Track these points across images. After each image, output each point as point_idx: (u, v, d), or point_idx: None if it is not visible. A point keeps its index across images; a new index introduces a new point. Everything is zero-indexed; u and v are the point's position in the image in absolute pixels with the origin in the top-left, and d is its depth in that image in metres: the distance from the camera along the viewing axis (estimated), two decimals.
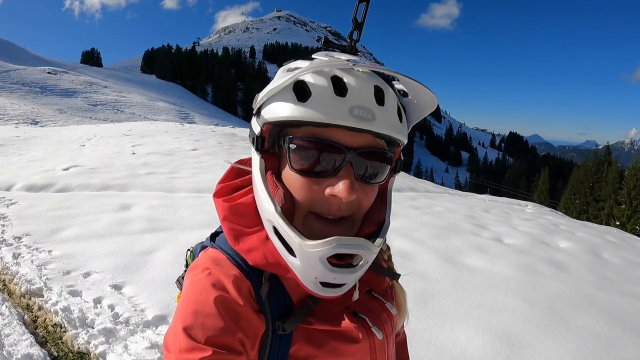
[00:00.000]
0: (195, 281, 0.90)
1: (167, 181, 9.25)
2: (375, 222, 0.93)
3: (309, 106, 0.80)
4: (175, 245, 5.46)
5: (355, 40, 0.93)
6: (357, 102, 0.80)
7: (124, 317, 3.81)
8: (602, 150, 46.20)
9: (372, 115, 0.81)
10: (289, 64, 0.90)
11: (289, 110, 0.81)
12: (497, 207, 12.03)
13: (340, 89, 0.81)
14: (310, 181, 0.84)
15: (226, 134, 20.88)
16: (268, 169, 0.89)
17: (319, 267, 0.82)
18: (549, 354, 3.77)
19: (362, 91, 0.81)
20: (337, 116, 0.79)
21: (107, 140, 16.78)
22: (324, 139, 0.82)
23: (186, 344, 0.80)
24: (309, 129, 0.83)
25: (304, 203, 0.86)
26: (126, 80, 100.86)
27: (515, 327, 4.14)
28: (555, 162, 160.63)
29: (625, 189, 36.48)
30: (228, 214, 0.96)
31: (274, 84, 0.84)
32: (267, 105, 0.86)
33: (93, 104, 60.41)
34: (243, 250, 0.92)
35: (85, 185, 8.39)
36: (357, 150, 0.84)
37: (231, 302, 0.86)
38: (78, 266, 4.75)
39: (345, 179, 0.82)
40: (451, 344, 3.75)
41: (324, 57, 0.87)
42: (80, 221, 6.17)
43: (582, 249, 7.45)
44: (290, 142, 0.84)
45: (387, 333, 1.05)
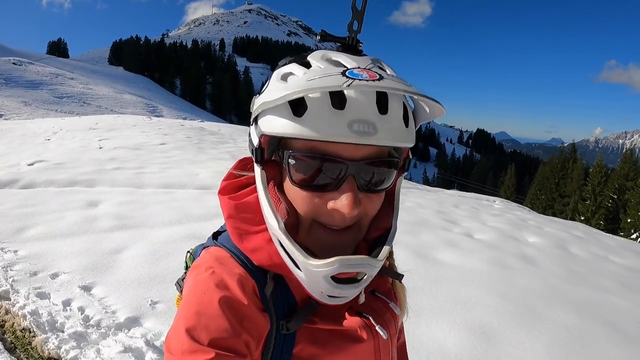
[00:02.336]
0: (198, 281, 0.88)
1: (135, 176, 9.07)
2: (381, 227, 0.91)
3: (305, 122, 0.75)
4: (145, 243, 5.35)
5: (355, 32, 0.87)
6: (357, 115, 0.75)
7: (95, 320, 3.70)
8: (567, 147, 47.36)
9: (374, 129, 0.75)
10: (283, 68, 0.84)
11: (284, 125, 0.77)
12: (466, 202, 12.21)
13: (339, 99, 0.75)
14: (312, 195, 0.82)
15: (195, 128, 20.64)
16: (270, 179, 0.86)
17: (324, 284, 0.80)
18: (524, 347, 3.84)
19: (362, 102, 0.76)
20: (336, 133, 0.74)
21: (74, 134, 16.38)
22: (324, 153, 0.78)
23: (189, 345, 0.78)
24: (308, 142, 0.79)
25: (307, 216, 0.84)
26: (93, 72, 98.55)
27: (490, 321, 4.20)
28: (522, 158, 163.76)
29: (590, 185, 37.56)
30: (233, 212, 0.93)
31: (267, 96, 0.80)
32: (264, 116, 0.82)
33: (59, 96, 58.78)
34: (247, 250, 0.90)
35: (51, 181, 8.15)
36: (359, 162, 0.79)
37: (235, 302, 0.84)
38: (45, 267, 4.60)
39: (347, 192, 0.79)
40: (428, 339, 3.78)
41: (320, 63, 0.81)
42: (47, 219, 5.98)
43: (550, 243, 7.63)
44: (290, 157, 0.81)
45: (391, 333, 1.04)
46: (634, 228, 31.23)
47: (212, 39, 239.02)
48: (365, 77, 0.72)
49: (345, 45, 0.87)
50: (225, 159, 12.56)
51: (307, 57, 0.84)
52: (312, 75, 0.75)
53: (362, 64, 0.79)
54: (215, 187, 8.55)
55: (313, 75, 0.75)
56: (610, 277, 6.10)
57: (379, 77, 0.73)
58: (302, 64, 0.82)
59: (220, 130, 21.39)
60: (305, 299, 0.93)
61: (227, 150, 14.96)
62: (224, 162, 11.77)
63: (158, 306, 3.96)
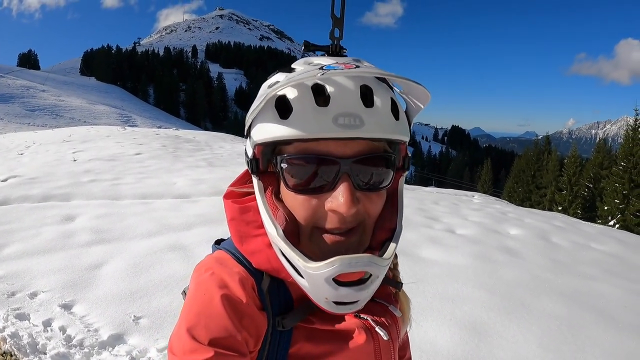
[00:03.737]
0: (199, 282, 0.89)
1: (111, 188, 8.90)
2: (387, 229, 0.89)
3: (291, 123, 0.76)
4: (124, 256, 5.23)
5: (338, 39, 0.88)
6: (341, 109, 0.75)
7: (78, 340, 3.59)
8: (541, 140, 48.12)
9: (360, 121, 0.76)
10: (270, 79, 0.86)
11: (272, 129, 0.78)
12: (446, 198, 12.29)
13: (323, 97, 0.76)
14: (309, 198, 0.81)
15: (170, 137, 20.48)
16: (267, 189, 0.86)
17: (326, 288, 0.79)
18: (516, 339, 3.87)
19: (346, 96, 0.77)
20: (321, 129, 0.75)
21: (47, 148, 16.05)
22: (315, 152, 0.79)
23: (190, 345, 0.79)
24: (299, 144, 0.79)
25: (307, 221, 0.83)
26: (65, 83, 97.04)
27: (480, 315, 4.21)
28: (497, 152, 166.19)
29: (565, 176, 38.21)
30: (236, 215, 0.95)
31: (255, 103, 0.81)
32: (255, 126, 0.84)
33: (31, 109, 57.79)
34: (247, 252, 0.91)
35: (26, 196, 7.94)
36: (352, 159, 0.79)
37: (235, 300, 0.84)
38: (23, 286, 4.44)
39: (343, 191, 0.78)
40: (419, 338, 3.77)
41: (302, 67, 0.82)
42: (23, 236, 5.80)
43: (532, 235, 7.73)
44: (282, 162, 0.81)
45: (392, 336, 1.02)
46: (610, 215, 31.86)
47: (184, 45, 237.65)
48: (340, 68, 0.73)
49: (329, 52, 0.89)
50: (201, 167, 12.48)
51: (292, 65, 0.86)
52: (292, 76, 0.77)
53: (341, 61, 0.80)
54: (193, 195, 8.54)
55: (293, 75, 0.77)
56: (593, 265, 6.19)
57: (355, 67, 0.74)
58: (287, 71, 0.84)
59: (196, 138, 21.28)
60: (302, 298, 0.92)
61: (204, 157, 14.85)
62: (201, 170, 11.71)
63: (141, 321, 3.87)
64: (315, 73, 0.71)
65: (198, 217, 6.88)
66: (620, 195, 31.36)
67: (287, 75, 0.80)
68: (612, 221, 30.82)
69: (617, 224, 29.84)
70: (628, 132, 33.07)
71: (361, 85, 0.78)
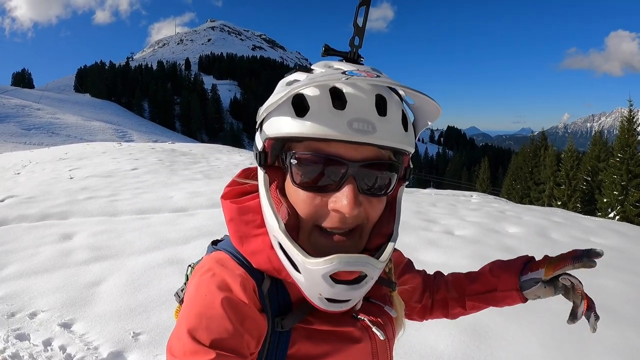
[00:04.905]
0: (200, 283, 0.90)
1: (108, 205, 8.86)
2: (383, 234, 0.92)
3: (307, 121, 0.79)
4: (123, 272, 5.20)
5: (357, 47, 0.92)
6: (357, 114, 0.79)
7: (78, 358, 3.56)
8: (537, 136, 48.24)
9: (373, 128, 0.79)
10: (288, 77, 0.89)
11: (287, 125, 0.81)
12: (444, 200, 12.29)
13: (340, 101, 0.80)
14: (313, 196, 0.84)
15: (166, 150, 20.44)
16: (272, 183, 0.89)
17: (322, 284, 0.82)
18: (517, 339, 3.86)
19: (362, 102, 0.80)
20: (336, 130, 0.78)
21: (43, 166, 16.01)
22: (326, 153, 0.82)
23: (190, 346, 0.79)
24: (311, 143, 0.82)
25: (308, 218, 0.86)
26: (60, 101, 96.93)
27: (480, 317, 4.18)
28: (494, 151, 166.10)
29: (563, 170, 38.31)
30: (235, 215, 0.96)
31: (272, 99, 0.83)
32: (268, 120, 0.86)
33: (27, 128, 57.56)
34: (247, 252, 0.92)
35: (23, 216, 7.91)
36: (360, 163, 0.82)
37: (237, 302, 0.85)
38: (22, 307, 4.42)
39: (348, 193, 0.81)
40: (419, 343, 3.75)
41: (323, 69, 0.86)
42: (21, 256, 5.77)
43: (530, 232, 7.73)
44: (292, 157, 0.84)
45: (388, 335, 1.04)
46: (610, 207, 31.92)
47: (177, 58, 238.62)
48: (363, 75, 0.77)
49: (347, 59, 0.92)
50: (198, 179, 12.46)
51: (311, 67, 0.90)
52: (314, 76, 0.81)
53: (362, 69, 0.86)
54: (190, 208, 8.52)
55: (315, 76, 0.80)
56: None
57: (376, 76, 0.79)
58: (306, 71, 0.87)
59: (192, 150, 21.23)
60: (301, 299, 0.94)
61: (200, 170, 14.83)
62: (198, 183, 11.68)
63: (141, 337, 3.85)
64: (340, 77, 0.75)
65: (195, 230, 6.86)
66: (619, 187, 31.48)
67: (307, 75, 0.83)
68: (612, 213, 30.89)
69: (617, 215, 29.94)
70: (623, 124, 33.23)
71: (376, 94, 0.82)
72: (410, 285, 1.34)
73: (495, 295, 1.32)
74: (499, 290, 1.30)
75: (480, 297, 1.35)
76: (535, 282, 1.24)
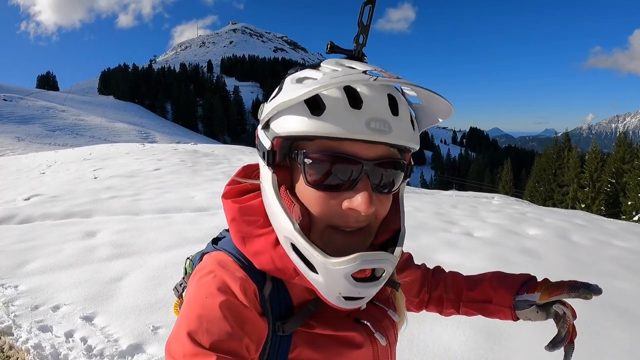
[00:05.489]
0: (200, 284, 0.88)
1: (131, 204, 9.02)
2: (389, 230, 0.94)
3: (324, 120, 0.77)
4: (144, 269, 5.31)
5: (361, 45, 0.91)
6: (373, 114, 0.79)
7: (98, 350, 3.66)
8: (561, 137, 47.48)
9: (389, 127, 0.80)
10: (296, 74, 0.87)
11: (302, 124, 0.79)
12: (464, 201, 12.20)
13: (355, 100, 0.79)
14: (328, 195, 0.83)
15: (188, 151, 20.58)
16: (281, 183, 0.86)
17: (343, 283, 0.82)
18: (531, 340, 3.80)
19: (377, 102, 0.80)
20: (355, 130, 0.77)
21: (68, 166, 16.35)
22: (341, 152, 0.81)
23: (190, 349, 0.78)
24: (323, 142, 0.81)
25: (321, 217, 0.85)
26: (84, 102, 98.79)
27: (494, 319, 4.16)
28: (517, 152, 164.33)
29: (587, 172, 37.69)
30: (237, 215, 0.95)
31: (285, 96, 0.81)
32: (278, 118, 0.83)
33: (51, 129, 58.69)
34: (250, 253, 0.91)
35: (48, 214, 8.11)
36: (374, 161, 0.83)
37: (237, 305, 0.85)
38: (46, 300, 4.56)
39: (363, 191, 0.81)
40: (432, 342, 3.75)
41: (335, 67, 0.85)
42: (45, 252, 5.95)
43: (551, 234, 7.62)
44: (306, 157, 0.82)
45: (390, 340, 1.04)
46: (634, 210, 31.31)
47: (199, 61, 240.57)
48: (385, 77, 0.75)
49: (352, 57, 0.91)
50: (220, 180, 12.53)
51: (320, 64, 0.88)
52: (335, 74, 0.78)
53: (378, 68, 0.84)
54: (212, 208, 8.60)
55: (336, 74, 0.77)
56: (614, 262, 6.09)
57: (396, 77, 0.78)
58: (314, 68, 0.86)
59: (214, 152, 21.33)
60: (302, 303, 0.94)
61: (222, 170, 14.92)
62: (219, 183, 11.75)
63: (160, 331, 3.92)
64: (363, 78, 0.74)
65: (216, 229, 6.89)
66: None
67: (323, 74, 0.81)
68: (636, 216, 30.29)
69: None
70: None
71: (387, 94, 0.82)
72: (410, 279, 1.34)
73: (489, 307, 1.33)
74: (494, 303, 1.31)
75: (475, 305, 1.35)
76: (529, 305, 1.25)
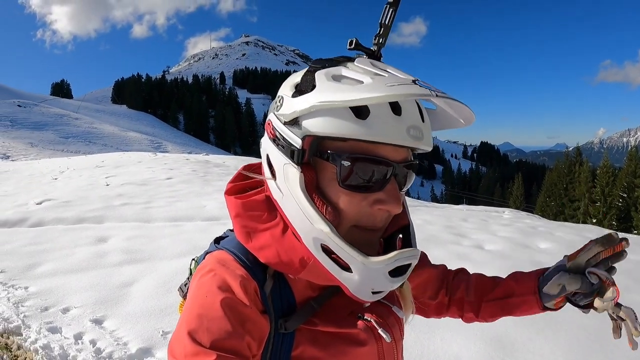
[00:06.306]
0: (200, 284, 0.88)
1: (143, 211, 9.10)
2: (395, 224, 0.98)
3: (369, 126, 0.78)
4: (154, 275, 5.33)
5: (380, 45, 0.95)
6: (412, 122, 0.82)
7: (107, 352, 3.67)
8: (572, 151, 47.14)
9: (422, 134, 0.84)
10: (331, 70, 0.85)
11: (345, 127, 0.79)
12: (475, 215, 12.12)
13: (395, 107, 0.81)
14: (360, 196, 0.85)
15: (200, 162, 20.67)
16: (307, 182, 0.85)
17: (382, 280, 0.86)
18: (542, 351, 3.78)
19: (413, 109, 0.84)
20: (398, 136, 0.80)
21: (80, 173, 16.47)
22: (377, 155, 0.83)
23: (191, 348, 0.78)
24: (356, 144, 0.81)
25: (350, 217, 0.86)
26: (97, 111, 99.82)
27: (506, 330, 4.13)
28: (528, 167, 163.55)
29: (598, 187, 37.40)
30: (241, 211, 0.94)
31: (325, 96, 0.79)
32: (314, 117, 0.81)
33: (64, 136, 59.36)
34: (255, 248, 0.91)
35: (60, 219, 8.20)
36: (401, 163, 0.87)
37: (238, 303, 0.84)
38: (56, 302, 4.59)
39: (393, 192, 0.86)
40: (443, 352, 3.72)
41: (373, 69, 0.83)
42: (56, 256, 6.01)
43: (562, 248, 7.54)
44: (343, 158, 0.82)
45: (395, 337, 1.04)
46: None
47: (212, 72, 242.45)
48: (435, 90, 0.78)
49: (372, 56, 0.93)
50: None
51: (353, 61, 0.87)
52: (389, 82, 0.77)
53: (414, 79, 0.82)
54: (223, 218, 8.62)
55: (391, 82, 0.77)
56: (625, 274, 6.00)
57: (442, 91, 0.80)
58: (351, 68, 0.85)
59: (225, 162, 21.40)
60: (305, 300, 0.94)
61: None
62: None
63: (169, 336, 3.90)
64: (426, 91, 0.75)
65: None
66: None
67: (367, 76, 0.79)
68: None
69: None
70: None
71: (416, 101, 0.86)
72: (424, 278, 1.32)
73: (510, 301, 1.24)
74: (516, 294, 1.23)
75: (497, 303, 1.27)
76: (558, 271, 1.12)
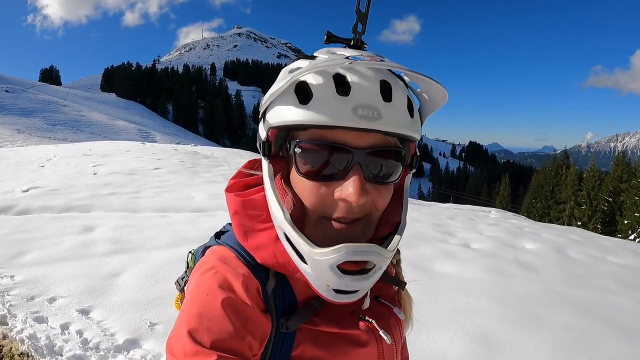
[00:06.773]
0: (201, 281, 0.87)
1: (130, 201, 9.05)
2: (391, 223, 0.90)
3: (311, 108, 0.76)
4: (142, 266, 5.31)
5: (360, 33, 0.90)
6: (361, 100, 0.76)
7: (94, 343, 3.66)
8: (560, 154, 47.51)
9: (378, 114, 0.77)
10: (291, 65, 0.87)
11: (290, 113, 0.78)
12: (462, 214, 12.24)
13: (344, 87, 0.77)
14: (319, 185, 0.82)
15: (188, 152, 20.57)
16: (277, 173, 0.86)
17: (330, 275, 0.79)
18: (527, 350, 3.85)
19: (366, 88, 0.77)
20: (341, 117, 0.75)
21: (67, 161, 16.33)
22: (330, 141, 0.79)
23: (191, 348, 0.76)
24: (315, 131, 0.80)
25: (314, 207, 0.83)
26: (86, 99, 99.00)
27: (491, 327, 4.19)
28: (515, 168, 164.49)
29: (584, 190, 37.74)
30: (239, 209, 0.93)
31: (275, 87, 0.81)
32: (271, 109, 0.83)
33: (52, 123, 58.64)
34: (252, 247, 0.90)
35: (46, 207, 8.12)
36: (366, 150, 0.80)
37: (239, 303, 0.82)
38: (42, 291, 4.55)
39: (354, 181, 0.79)
40: (429, 349, 3.77)
41: (325, 55, 0.84)
42: (43, 244, 5.95)
43: (548, 249, 7.65)
44: (296, 146, 0.81)
45: (395, 339, 1.02)
46: (630, 229, 31.37)
47: (203, 63, 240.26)
48: (366, 60, 0.75)
49: (351, 46, 0.90)
50: (219, 182, 12.54)
51: (314, 54, 0.87)
52: (317, 62, 0.77)
53: (365, 54, 0.82)
54: (210, 209, 8.60)
55: (317, 62, 0.77)
56: (610, 277, 6.12)
57: (380, 60, 0.77)
58: (309, 59, 0.85)
59: (214, 154, 21.31)
60: (307, 299, 0.93)
61: (221, 173, 14.93)
62: (218, 185, 11.78)
63: (157, 327, 3.92)
64: (342, 62, 0.74)
65: (214, 230, 6.87)
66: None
67: (310, 62, 0.80)
68: (632, 235, 30.35)
69: (638, 237, 29.40)
70: None
71: (380, 80, 0.79)
72: None
73: None
74: None
75: None
76: None
